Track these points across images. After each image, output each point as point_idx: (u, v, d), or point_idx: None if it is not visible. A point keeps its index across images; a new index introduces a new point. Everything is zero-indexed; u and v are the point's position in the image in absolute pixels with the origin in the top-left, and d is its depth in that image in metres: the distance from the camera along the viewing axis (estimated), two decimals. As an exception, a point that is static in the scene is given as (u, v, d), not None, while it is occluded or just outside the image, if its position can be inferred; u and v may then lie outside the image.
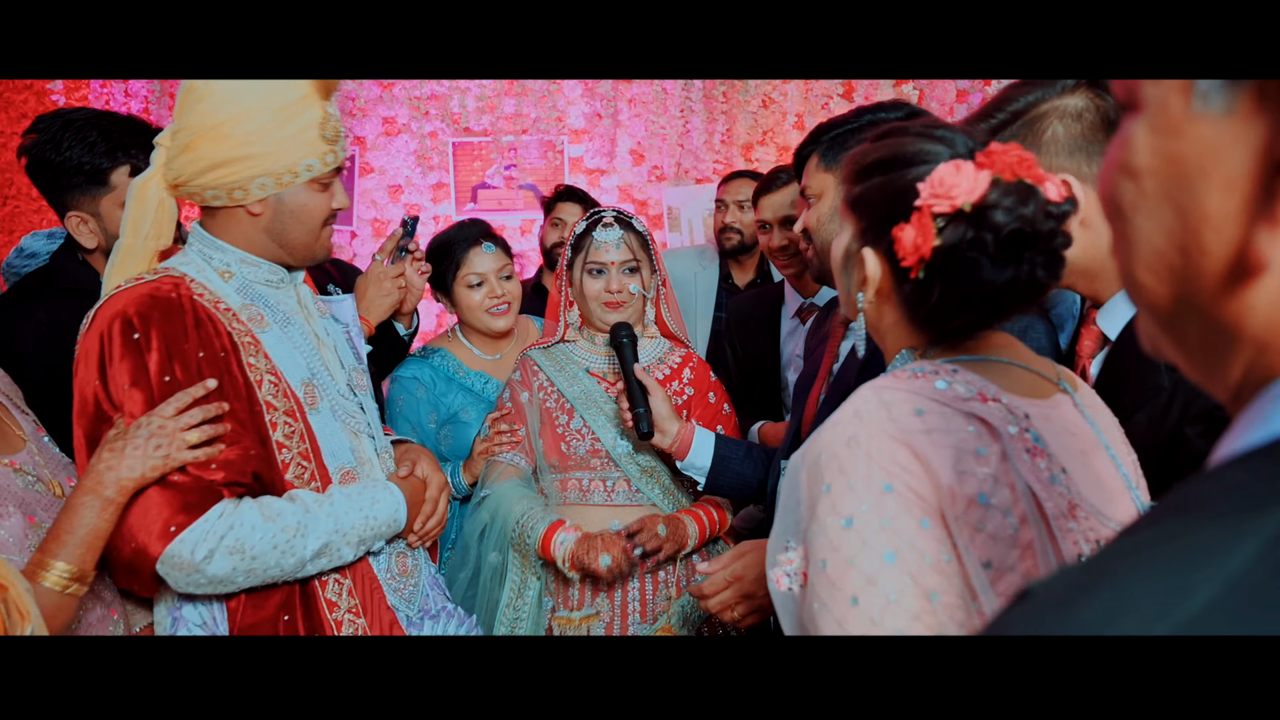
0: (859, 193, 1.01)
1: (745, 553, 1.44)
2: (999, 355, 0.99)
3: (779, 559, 0.97)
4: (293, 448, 1.44)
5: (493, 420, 2.06)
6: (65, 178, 1.79)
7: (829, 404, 1.54)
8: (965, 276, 0.90)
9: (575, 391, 2.00)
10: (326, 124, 1.43)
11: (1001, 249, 0.88)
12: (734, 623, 1.43)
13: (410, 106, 4.80)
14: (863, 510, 0.86)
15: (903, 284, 0.97)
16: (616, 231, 1.97)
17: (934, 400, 0.90)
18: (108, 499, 1.25)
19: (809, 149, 1.60)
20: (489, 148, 4.85)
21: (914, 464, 0.87)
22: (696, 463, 1.82)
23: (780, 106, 4.86)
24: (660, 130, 4.81)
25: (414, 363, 2.27)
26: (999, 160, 0.90)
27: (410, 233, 2.16)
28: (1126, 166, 0.43)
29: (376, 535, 1.48)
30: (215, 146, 1.37)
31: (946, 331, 0.99)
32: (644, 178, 4.89)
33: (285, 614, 1.41)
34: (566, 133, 4.87)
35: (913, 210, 0.92)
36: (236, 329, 1.43)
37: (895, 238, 0.93)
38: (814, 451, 0.93)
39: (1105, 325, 1.30)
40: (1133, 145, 0.42)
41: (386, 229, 4.73)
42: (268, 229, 1.46)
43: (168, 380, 1.35)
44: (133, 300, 1.38)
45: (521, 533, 1.89)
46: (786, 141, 4.86)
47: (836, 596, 0.86)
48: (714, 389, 2.08)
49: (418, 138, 4.81)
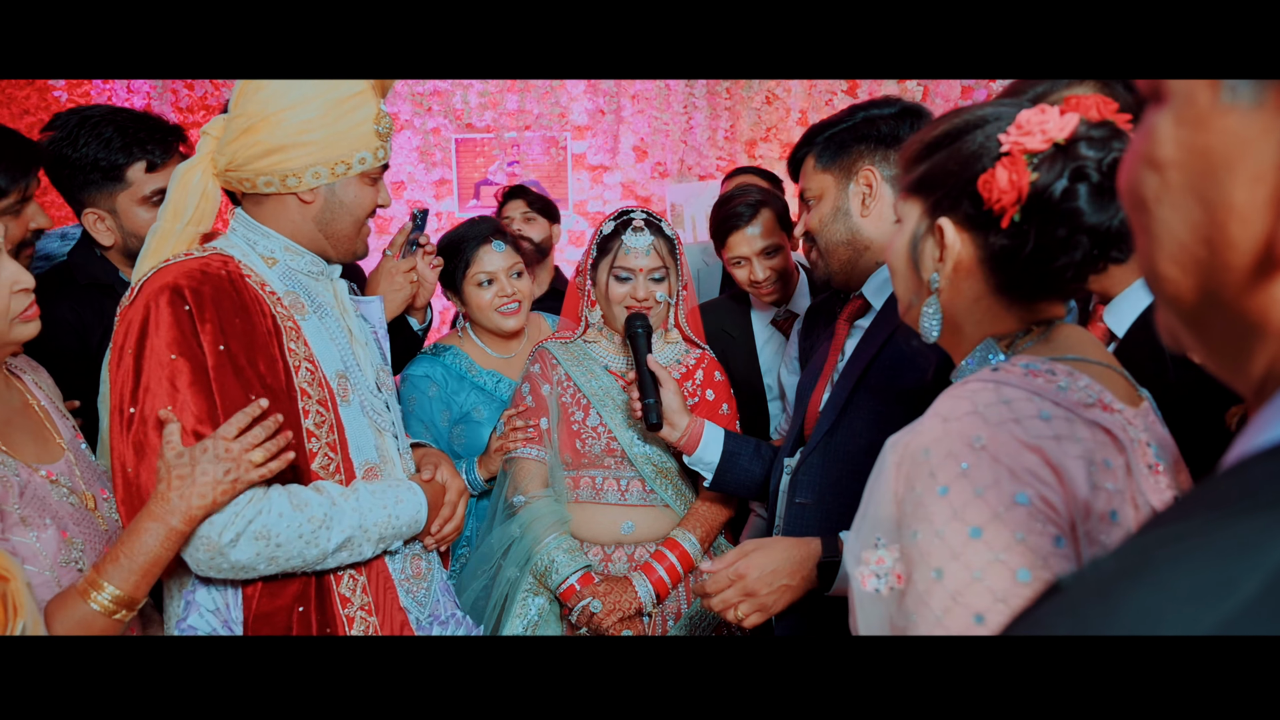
0: (923, 172, 0.96)
1: (749, 551, 1.43)
2: (1090, 355, 0.93)
3: (864, 557, 0.89)
4: (321, 438, 1.44)
5: (508, 417, 2.05)
6: (82, 174, 1.80)
7: (834, 403, 1.53)
8: (1064, 217, 0.85)
9: (594, 387, 1.99)
10: (381, 120, 1.47)
11: (1105, 181, 0.84)
12: (737, 622, 1.43)
13: (413, 102, 4.79)
14: (993, 521, 0.78)
15: (990, 241, 0.91)
16: (647, 237, 1.93)
17: (1057, 404, 0.83)
18: (174, 528, 1.24)
19: (804, 151, 1.59)
20: (492, 144, 4.85)
21: (1048, 473, 0.80)
22: (705, 458, 1.81)
23: (784, 103, 4.85)
24: (663, 126, 4.80)
25: (425, 361, 2.25)
26: (1082, 104, 0.87)
27: (420, 226, 2.14)
28: (1150, 158, 0.42)
29: (397, 534, 1.48)
30: (273, 132, 1.39)
31: (1038, 293, 0.93)
32: (647, 174, 4.88)
33: (300, 605, 1.40)
34: (569, 129, 4.86)
35: (998, 159, 0.88)
36: (280, 313, 1.44)
37: (982, 188, 0.88)
38: (917, 445, 0.85)
39: (1112, 322, 1.29)
40: (1157, 137, 0.42)
41: (390, 225, 4.72)
42: (317, 218, 1.47)
43: (221, 350, 1.34)
44: (183, 273, 1.37)
45: (546, 569, 1.90)
46: (790, 138, 4.85)
47: (956, 611, 0.79)
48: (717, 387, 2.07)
49: (420, 134, 4.81)
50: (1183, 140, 0.40)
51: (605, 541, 1.98)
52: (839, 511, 1.44)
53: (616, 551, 1.97)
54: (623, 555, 1.97)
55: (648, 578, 1.90)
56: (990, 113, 0.93)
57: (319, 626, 1.41)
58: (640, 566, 1.93)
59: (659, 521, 1.99)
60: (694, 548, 1.94)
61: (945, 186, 0.94)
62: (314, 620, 1.41)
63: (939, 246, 0.95)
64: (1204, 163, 0.39)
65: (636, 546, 1.98)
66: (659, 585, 1.90)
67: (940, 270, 0.95)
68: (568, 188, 4.94)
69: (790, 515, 1.56)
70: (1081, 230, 0.86)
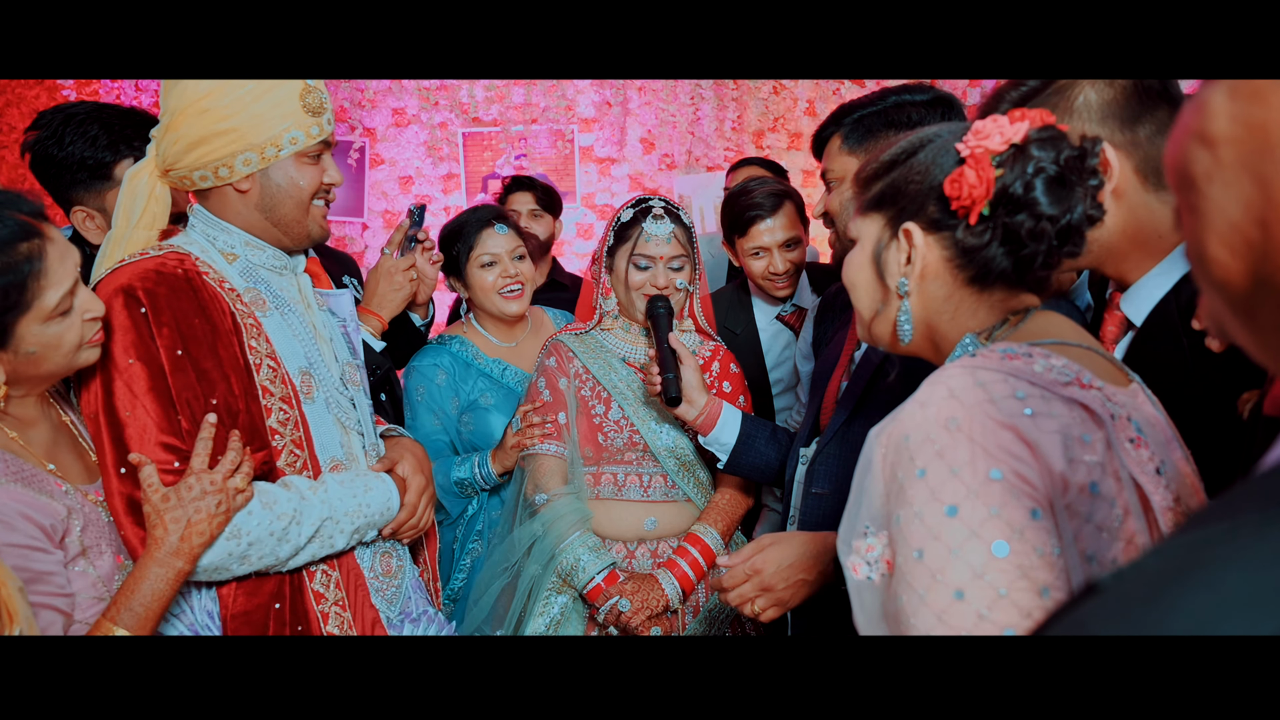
0: (881, 189, 1.03)
1: (765, 546, 1.42)
2: (1068, 338, 0.96)
3: (856, 545, 0.92)
4: (286, 435, 1.42)
5: (524, 412, 2.03)
6: (69, 173, 1.78)
7: (851, 392, 1.52)
8: (1027, 207, 0.92)
9: (614, 381, 1.97)
10: (308, 95, 1.41)
11: (1059, 176, 0.92)
12: (754, 616, 1.42)
13: (420, 97, 4.79)
14: (968, 498, 0.81)
15: (957, 239, 0.96)
16: (667, 225, 1.92)
17: (1033, 384, 0.86)
18: (180, 570, 1.26)
19: (830, 130, 1.55)
20: (499, 138, 4.84)
21: (1022, 449, 0.82)
22: (721, 439, 1.80)
23: (791, 93, 4.82)
24: (670, 118, 4.78)
25: (432, 350, 2.25)
26: (1026, 114, 0.94)
27: (418, 222, 2.13)
28: (1202, 134, 0.40)
29: (370, 524, 1.48)
30: (194, 124, 1.36)
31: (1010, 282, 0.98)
32: (655, 166, 4.86)
33: (276, 602, 1.40)
34: (576, 122, 4.85)
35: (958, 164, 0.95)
36: (240, 310, 1.42)
37: (950, 188, 0.94)
38: (898, 433, 0.87)
39: (1129, 310, 1.27)
40: (1210, 111, 0.40)
41: (398, 220, 4.73)
42: (259, 206, 1.43)
43: (180, 354, 1.33)
44: (137, 274, 1.36)
45: (572, 568, 1.89)
46: (798, 128, 4.83)
47: (937, 589, 0.81)
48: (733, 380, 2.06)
49: (428, 128, 4.80)
50: (1238, 114, 0.38)
51: (628, 538, 1.96)
52: (855, 502, 1.44)
53: (639, 548, 1.95)
54: (645, 551, 1.95)
55: (673, 574, 1.89)
56: (932, 133, 1.01)
57: (293, 623, 1.41)
58: (665, 563, 1.91)
59: (681, 516, 1.97)
60: (716, 542, 1.93)
61: (908, 196, 1.00)
62: (288, 617, 1.41)
63: (906, 251, 1.00)
64: (1260, 138, 0.37)
65: (659, 542, 1.96)
66: (684, 581, 1.89)
67: (909, 274, 1.00)
68: (575, 181, 4.93)
69: (807, 505, 1.55)
70: (1044, 219, 0.92)
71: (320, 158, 1.46)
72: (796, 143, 4.84)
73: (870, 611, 0.92)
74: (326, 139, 1.45)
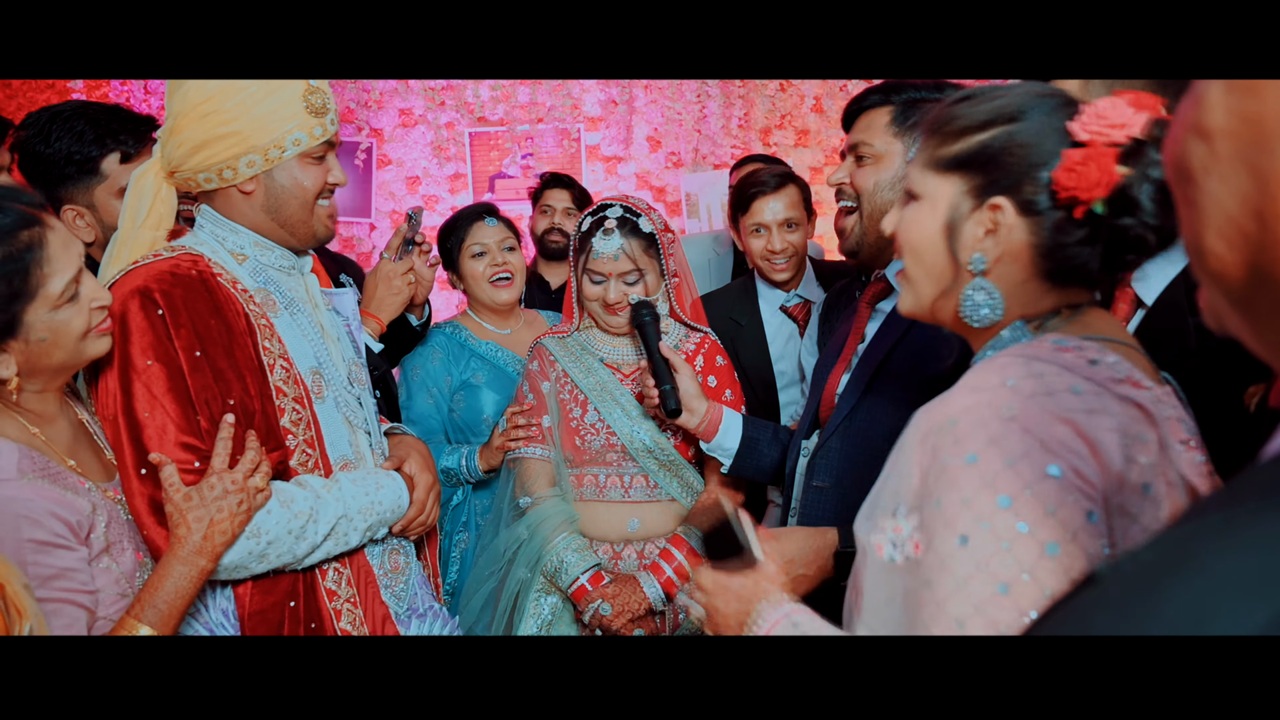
0: (968, 150, 0.93)
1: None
2: (1117, 336, 0.92)
3: (882, 524, 0.88)
4: (298, 435, 1.44)
5: (510, 415, 2.05)
6: (57, 169, 1.78)
7: (854, 386, 1.52)
8: (1137, 212, 0.85)
9: (590, 384, 1.97)
10: (311, 96, 1.41)
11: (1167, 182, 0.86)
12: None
13: (426, 98, 4.80)
14: (1024, 492, 0.77)
15: (1049, 228, 0.89)
16: (616, 241, 1.87)
17: (1089, 379, 0.82)
18: (203, 568, 1.28)
19: (874, 101, 1.46)
20: (505, 137, 4.84)
21: (1081, 445, 0.79)
22: (724, 444, 1.79)
23: (798, 90, 4.81)
24: (677, 116, 4.78)
25: (430, 334, 2.38)
26: (1140, 100, 0.85)
27: (416, 225, 2.15)
28: (1198, 126, 0.40)
29: (382, 521, 1.49)
30: (198, 127, 1.37)
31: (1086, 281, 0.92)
32: (661, 164, 4.86)
33: (291, 600, 1.42)
34: (582, 120, 4.85)
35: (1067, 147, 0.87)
36: (253, 311, 1.43)
37: (1064, 177, 0.86)
38: (944, 416, 0.84)
39: (1141, 289, 1.26)
40: (1206, 104, 0.39)
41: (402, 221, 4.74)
42: (264, 207, 1.44)
43: (198, 355, 1.34)
44: (153, 276, 1.36)
45: (557, 570, 1.89)
46: (804, 125, 4.82)
47: (979, 579, 0.78)
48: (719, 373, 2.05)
49: (434, 129, 4.81)
50: (1233, 107, 0.38)
51: (613, 539, 1.96)
52: (857, 496, 1.42)
53: (625, 549, 1.95)
54: (632, 552, 1.95)
55: (656, 578, 1.89)
56: (1028, 98, 0.92)
57: (307, 621, 1.42)
58: (648, 566, 1.91)
59: (666, 516, 1.97)
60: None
61: (1003, 168, 0.91)
62: (302, 615, 1.42)
63: (989, 227, 0.92)
64: (1256, 131, 0.37)
65: (645, 543, 1.96)
66: (667, 585, 1.89)
67: (987, 252, 0.92)
68: (582, 179, 4.93)
69: (807, 499, 1.55)
70: (1150, 228, 0.85)
71: (324, 158, 1.47)
72: (803, 140, 4.83)
73: (883, 596, 0.89)
74: (330, 139, 1.46)
